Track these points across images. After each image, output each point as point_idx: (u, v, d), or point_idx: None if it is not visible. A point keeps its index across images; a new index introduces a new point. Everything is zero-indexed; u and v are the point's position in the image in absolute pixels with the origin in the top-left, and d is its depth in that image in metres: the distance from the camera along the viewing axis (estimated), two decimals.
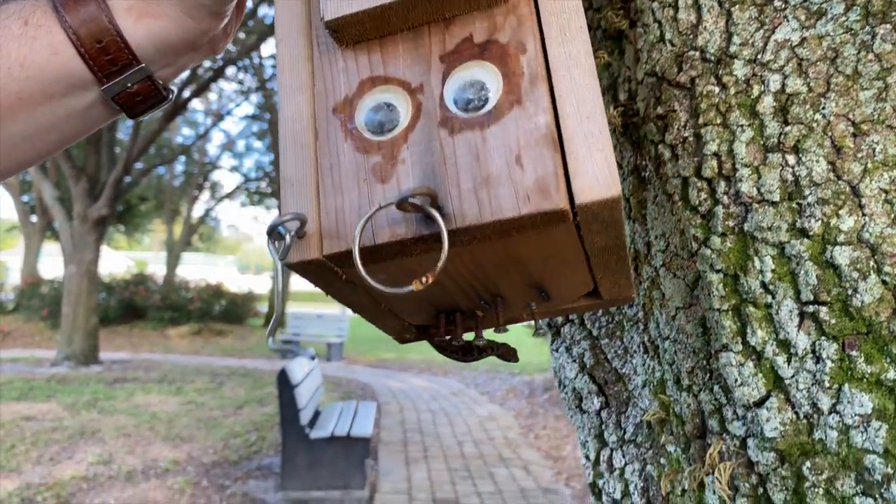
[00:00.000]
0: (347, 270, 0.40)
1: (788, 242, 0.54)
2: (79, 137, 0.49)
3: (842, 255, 0.52)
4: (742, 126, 0.56)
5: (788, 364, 0.53)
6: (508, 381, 9.92)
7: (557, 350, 0.79)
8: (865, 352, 0.50)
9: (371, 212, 0.36)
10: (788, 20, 0.57)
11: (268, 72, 17.53)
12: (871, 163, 0.52)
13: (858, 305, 0.51)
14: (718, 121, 0.58)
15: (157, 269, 24.92)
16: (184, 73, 0.52)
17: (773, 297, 0.54)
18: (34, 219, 18.62)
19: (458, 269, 0.42)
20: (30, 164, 0.49)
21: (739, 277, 0.55)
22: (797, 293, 0.53)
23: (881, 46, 0.53)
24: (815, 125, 0.54)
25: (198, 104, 20.78)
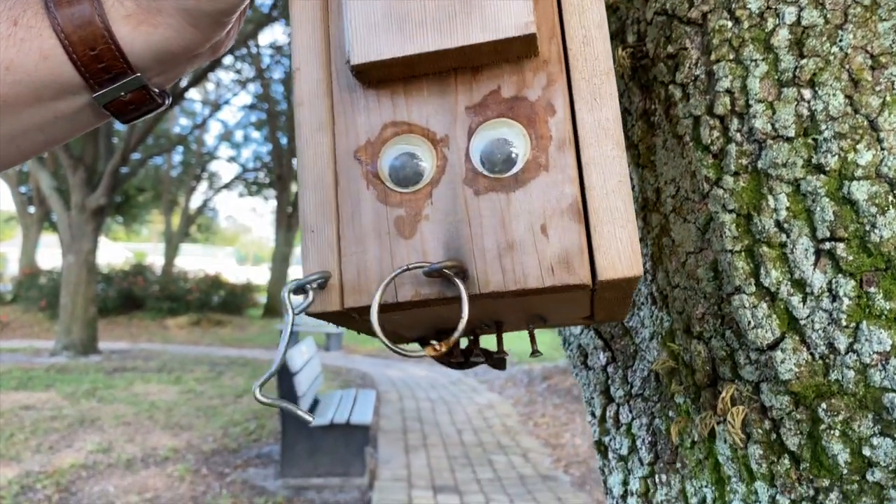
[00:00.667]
0: (364, 317, 0.41)
1: (804, 179, 0.52)
2: (66, 139, 0.47)
3: (859, 190, 0.50)
4: (756, 61, 0.55)
5: (804, 304, 0.51)
6: (507, 370, 9.92)
7: None
8: (884, 288, 0.48)
9: (394, 273, 0.37)
10: None
11: (265, 61, 17.44)
12: (890, 96, 0.50)
13: (877, 241, 0.49)
14: (731, 56, 0.56)
15: (156, 260, 24.90)
16: None
17: (788, 236, 0.52)
18: (32, 209, 18.59)
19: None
20: (14, 164, 0.47)
21: (753, 217, 0.54)
22: (813, 231, 0.51)
23: None
24: (832, 58, 0.52)
25: (195, 94, 20.71)
